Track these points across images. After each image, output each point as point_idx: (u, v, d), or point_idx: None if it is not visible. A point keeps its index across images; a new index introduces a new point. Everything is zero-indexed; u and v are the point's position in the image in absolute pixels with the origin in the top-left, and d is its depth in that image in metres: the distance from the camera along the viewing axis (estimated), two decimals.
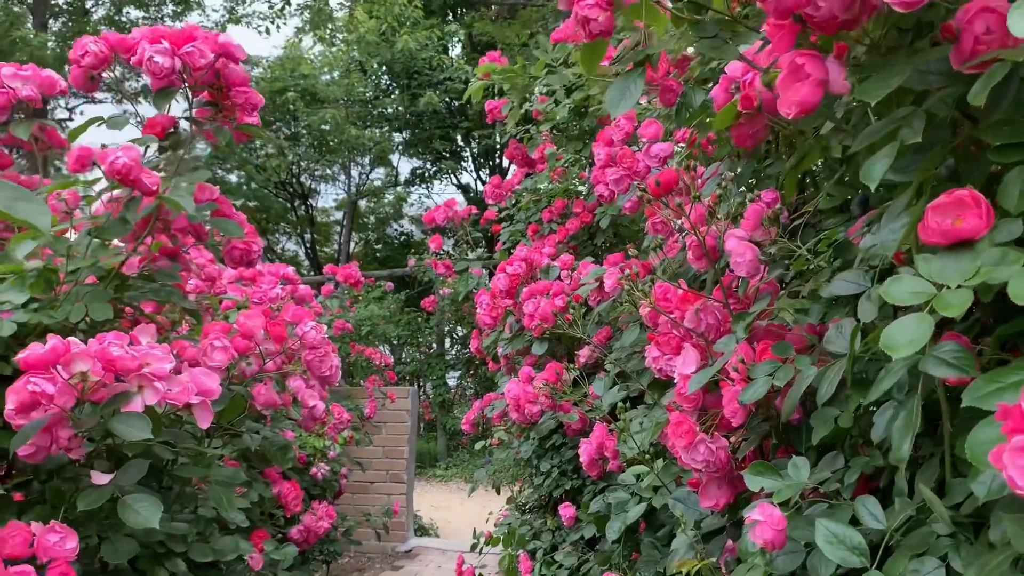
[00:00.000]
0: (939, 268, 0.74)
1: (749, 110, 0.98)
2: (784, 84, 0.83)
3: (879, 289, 0.76)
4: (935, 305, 0.72)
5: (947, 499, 0.91)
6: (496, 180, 3.94)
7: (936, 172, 0.84)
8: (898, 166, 0.82)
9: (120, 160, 1.32)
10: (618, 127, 2.05)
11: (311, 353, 1.55)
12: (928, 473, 0.98)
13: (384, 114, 12.94)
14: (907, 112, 0.79)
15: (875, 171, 0.77)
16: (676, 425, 1.41)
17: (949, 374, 0.81)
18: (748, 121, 1.01)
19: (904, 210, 0.82)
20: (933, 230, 0.75)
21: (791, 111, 0.82)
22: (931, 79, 0.82)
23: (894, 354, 0.72)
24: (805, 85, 0.81)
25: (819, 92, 0.81)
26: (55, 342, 1.13)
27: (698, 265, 1.55)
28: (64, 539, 1.14)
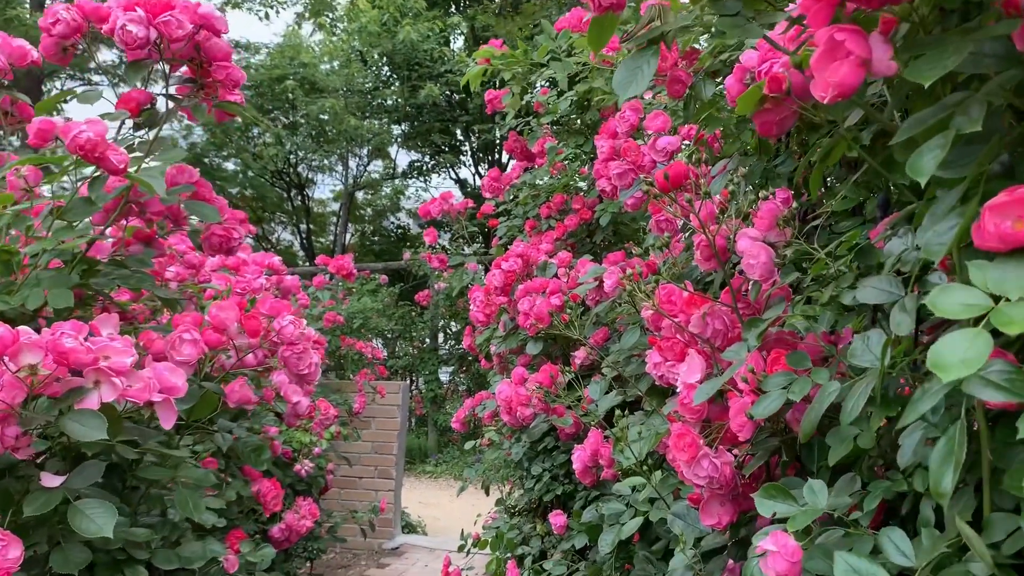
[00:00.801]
0: (997, 277, 0.64)
1: (777, 94, 0.88)
2: (820, 63, 0.73)
3: (925, 300, 0.66)
4: (992, 320, 0.62)
5: (985, 536, 0.81)
6: (495, 173, 3.83)
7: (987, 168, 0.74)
8: (947, 159, 0.72)
9: (84, 135, 1.21)
10: (623, 118, 1.95)
11: (288, 349, 1.44)
12: (962, 505, 0.88)
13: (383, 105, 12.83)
14: (962, 97, 0.69)
15: (925, 164, 0.67)
16: (678, 437, 1.31)
17: (998, 398, 0.71)
18: (775, 107, 0.91)
19: (952, 210, 0.72)
20: (990, 233, 0.65)
21: (827, 94, 0.72)
22: (987, 62, 0.72)
23: (944, 375, 0.62)
24: (844, 64, 0.71)
25: (860, 73, 0.71)
26: (2, 330, 1.03)
27: (706, 266, 1.45)
28: (6, 548, 1.04)
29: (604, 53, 1.86)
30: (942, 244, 0.71)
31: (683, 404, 1.36)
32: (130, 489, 1.49)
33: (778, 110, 0.92)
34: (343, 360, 5.85)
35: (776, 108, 0.91)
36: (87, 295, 1.58)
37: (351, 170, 13.80)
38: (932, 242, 0.72)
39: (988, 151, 0.69)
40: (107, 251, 1.59)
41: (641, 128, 1.98)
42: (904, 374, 1.02)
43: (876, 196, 1.44)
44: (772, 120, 0.93)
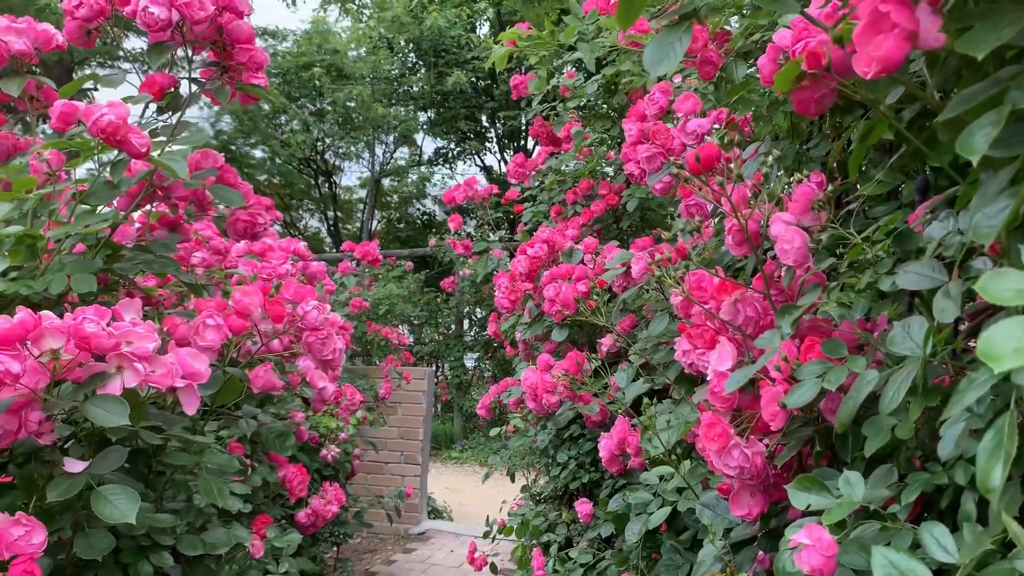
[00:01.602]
0: None
1: (816, 69, 0.84)
2: (863, 37, 0.70)
3: (975, 285, 0.62)
4: None
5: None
6: (520, 158, 3.80)
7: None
8: (1000, 137, 0.68)
9: (106, 118, 1.20)
10: (652, 101, 1.91)
11: (312, 335, 1.43)
12: (1008, 498, 0.84)
13: (410, 92, 12.82)
14: (1017, 71, 0.65)
15: (976, 142, 0.64)
16: (709, 427, 1.28)
17: None
18: (813, 84, 0.88)
19: (1002, 191, 0.68)
20: None
21: (870, 69, 0.69)
22: None
23: (995, 365, 0.59)
24: (889, 37, 0.67)
25: (906, 46, 0.67)
26: (23, 315, 1.02)
27: (738, 251, 1.41)
28: (30, 533, 1.04)
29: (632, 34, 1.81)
30: (992, 227, 0.67)
31: (713, 393, 1.33)
32: (155, 475, 1.49)
33: (817, 87, 0.88)
34: (369, 346, 5.86)
35: (815, 85, 0.88)
36: (112, 280, 1.58)
37: (377, 157, 13.82)
38: (981, 224, 0.68)
39: None
40: (132, 236, 1.59)
41: (671, 111, 1.94)
42: (945, 363, 0.98)
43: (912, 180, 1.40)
44: (811, 98, 0.89)
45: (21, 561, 1.02)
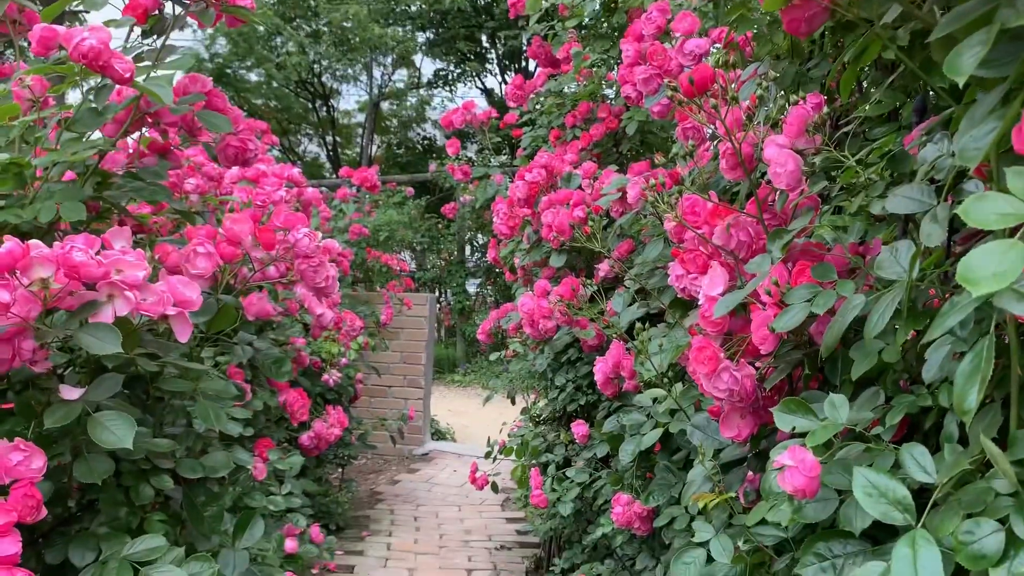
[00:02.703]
0: None
1: None
2: None
3: (957, 209, 0.62)
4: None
5: (1010, 453, 0.79)
6: (518, 80, 3.73)
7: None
8: (989, 57, 0.66)
9: (87, 42, 1.17)
10: (650, 20, 1.86)
11: (304, 262, 1.43)
12: (988, 421, 0.85)
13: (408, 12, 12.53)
14: None
15: (964, 62, 0.62)
16: (699, 351, 1.29)
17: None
18: (803, 2, 0.85)
19: (991, 113, 0.67)
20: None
21: None
22: None
23: (974, 289, 0.58)
24: None
25: None
26: (11, 244, 1.02)
27: (731, 175, 1.40)
28: (29, 458, 1.06)
29: None
30: (979, 149, 0.66)
31: (704, 317, 1.33)
32: (154, 401, 1.51)
33: (807, 6, 0.86)
34: (370, 272, 5.87)
35: (805, 4, 0.85)
36: (104, 208, 1.57)
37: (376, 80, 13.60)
38: (968, 147, 0.67)
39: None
40: (121, 163, 1.57)
41: (668, 31, 1.90)
42: (935, 286, 0.98)
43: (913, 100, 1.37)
44: (801, 16, 0.87)
45: (21, 485, 1.04)
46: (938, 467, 0.87)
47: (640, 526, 2.02)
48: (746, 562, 1.26)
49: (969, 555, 0.75)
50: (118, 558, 1.18)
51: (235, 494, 1.83)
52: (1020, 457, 0.77)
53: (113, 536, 1.23)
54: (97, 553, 1.21)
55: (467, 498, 5.19)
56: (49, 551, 1.22)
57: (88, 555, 1.20)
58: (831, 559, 0.93)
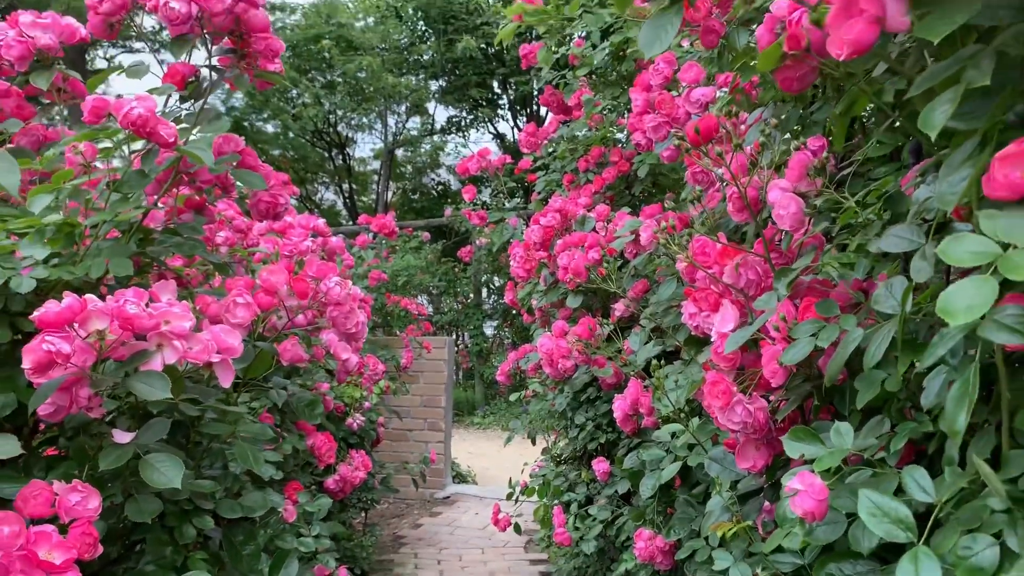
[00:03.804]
0: (1006, 225, 0.67)
1: (796, 51, 0.90)
2: (835, 21, 0.75)
3: (936, 248, 0.69)
4: (1000, 267, 0.65)
5: (1003, 472, 0.85)
6: (531, 128, 3.84)
7: (1003, 119, 0.76)
8: (961, 111, 0.74)
9: (135, 111, 1.28)
10: (657, 71, 1.96)
11: (336, 309, 1.51)
12: (982, 443, 0.91)
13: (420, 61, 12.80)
14: (974, 51, 0.71)
15: (936, 117, 0.70)
16: (713, 385, 1.35)
17: (1011, 340, 0.74)
18: (794, 63, 0.93)
19: (966, 160, 0.74)
20: (1000, 183, 0.68)
21: (842, 51, 0.75)
22: (1001, 14, 0.73)
23: (952, 321, 0.65)
24: (859, 22, 0.73)
25: (875, 30, 0.73)
26: (71, 300, 1.11)
27: (739, 217, 1.47)
28: (86, 499, 1.13)
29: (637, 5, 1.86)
30: (955, 193, 0.73)
31: (717, 352, 1.40)
32: (193, 445, 1.59)
33: (798, 66, 0.94)
34: (389, 317, 5.96)
35: (796, 65, 0.93)
36: (144, 262, 1.66)
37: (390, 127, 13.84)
38: (946, 192, 0.75)
39: (1000, 103, 0.71)
40: (160, 220, 1.67)
41: (675, 80, 1.99)
42: (931, 319, 1.04)
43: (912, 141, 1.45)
44: (793, 76, 0.95)
45: (79, 524, 1.11)
46: (939, 488, 0.93)
47: (662, 560, 2.06)
48: None
49: (967, 568, 0.80)
50: None
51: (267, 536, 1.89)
52: (1012, 476, 0.83)
53: (160, 574, 1.30)
54: None
55: (490, 540, 5.20)
56: None
57: None
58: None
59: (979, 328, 0.77)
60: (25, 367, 1.10)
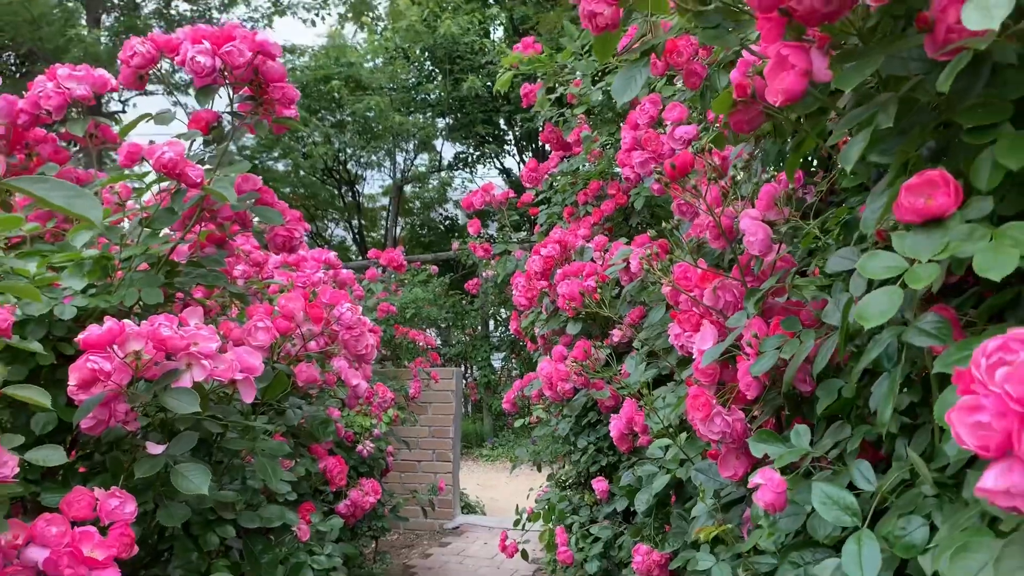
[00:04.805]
0: (911, 244, 0.79)
1: (743, 98, 1.03)
2: (771, 73, 0.89)
3: (856, 264, 0.81)
4: (906, 279, 0.78)
5: (935, 463, 0.96)
6: (532, 164, 4.00)
7: (919, 153, 0.89)
8: (883, 148, 0.87)
9: (166, 155, 1.42)
10: (643, 111, 2.10)
11: (347, 332, 1.64)
12: (920, 439, 1.03)
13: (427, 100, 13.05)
14: (885, 98, 0.84)
15: (851, 154, 0.83)
16: (694, 398, 1.47)
17: (929, 343, 0.86)
18: (744, 108, 1.07)
19: (885, 190, 0.87)
20: (906, 208, 0.80)
21: (777, 99, 0.88)
22: (912, 65, 0.86)
23: (866, 324, 0.78)
24: (790, 75, 0.87)
25: (803, 81, 0.86)
26: (111, 324, 1.24)
27: (716, 244, 1.60)
28: (123, 504, 1.25)
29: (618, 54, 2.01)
30: (874, 218, 0.86)
31: (697, 368, 1.52)
32: (215, 463, 1.71)
33: (747, 111, 1.07)
34: (398, 349, 6.08)
35: (745, 109, 1.07)
36: (169, 293, 1.80)
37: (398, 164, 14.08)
38: (868, 217, 0.87)
39: (909, 141, 0.84)
40: (185, 254, 1.81)
41: (661, 119, 2.13)
42: None
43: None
44: (743, 119, 1.09)
45: (118, 526, 1.23)
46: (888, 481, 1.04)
47: (659, 573, 2.15)
48: None
49: (902, 546, 0.92)
50: None
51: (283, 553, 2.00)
52: (940, 465, 0.95)
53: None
54: None
55: (498, 569, 5.26)
56: None
57: None
58: (803, 565, 1.09)
59: (904, 334, 0.90)
60: (71, 384, 1.23)
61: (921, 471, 0.93)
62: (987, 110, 0.81)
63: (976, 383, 0.62)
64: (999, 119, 0.79)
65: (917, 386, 1.08)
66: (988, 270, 0.73)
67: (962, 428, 0.63)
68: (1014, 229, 0.73)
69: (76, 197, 0.65)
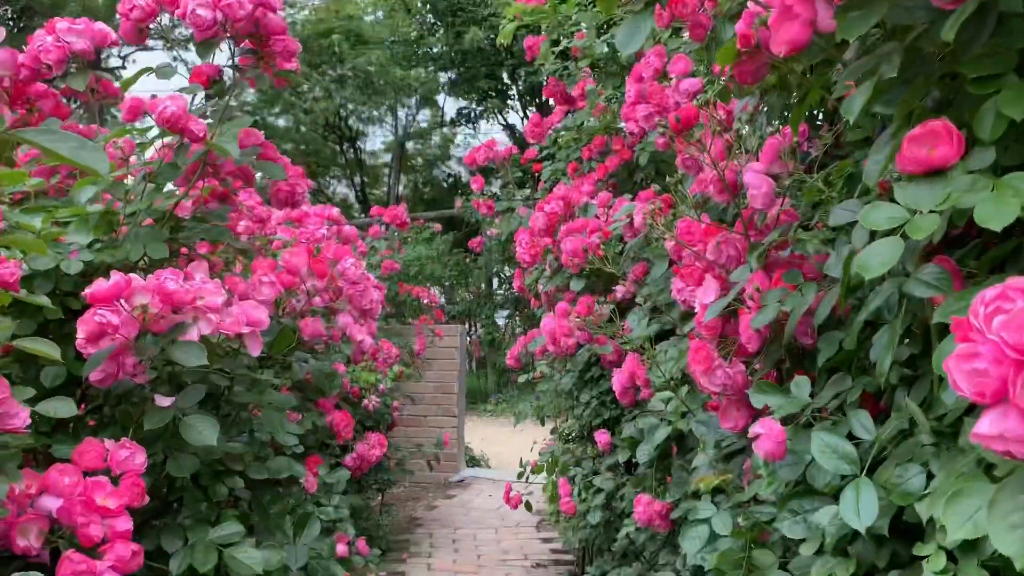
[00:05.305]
0: (913, 195, 0.80)
1: (748, 48, 1.03)
2: (776, 23, 0.88)
3: (858, 215, 0.82)
4: (907, 229, 0.78)
5: (932, 412, 0.97)
6: (536, 119, 3.97)
7: (923, 104, 0.89)
8: (887, 99, 0.87)
9: (168, 109, 1.42)
10: (648, 63, 2.08)
11: (352, 288, 1.65)
12: (920, 390, 1.04)
13: (429, 53, 12.91)
14: (889, 48, 0.83)
15: (855, 105, 0.82)
16: (695, 352, 1.48)
17: (930, 294, 0.87)
18: (748, 59, 1.06)
19: (888, 141, 0.87)
20: (909, 159, 0.80)
21: (781, 49, 0.87)
22: (918, 14, 0.86)
23: (867, 275, 0.78)
24: (794, 24, 0.86)
25: (808, 31, 0.86)
26: (117, 278, 1.25)
27: (719, 198, 1.60)
28: (133, 455, 1.28)
29: None
30: (877, 169, 0.86)
31: (699, 322, 1.53)
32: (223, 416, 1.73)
33: (752, 61, 1.06)
34: (402, 306, 6.10)
35: (750, 60, 1.06)
36: (173, 248, 1.81)
37: (400, 120, 13.99)
38: (871, 168, 0.88)
39: (913, 91, 0.84)
40: (188, 209, 1.81)
41: (666, 72, 2.11)
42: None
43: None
44: (748, 70, 1.08)
45: (128, 476, 1.26)
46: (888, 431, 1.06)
47: (660, 523, 2.19)
48: (746, 537, 1.43)
49: (899, 494, 0.93)
50: (204, 542, 1.39)
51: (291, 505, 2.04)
52: (938, 415, 0.96)
53: (197, 526, 1.44)
54: (184, 540, 1.42)
55: (503, 520, 5.35)
56: (144, 539, 1.43)
57: (177, 542, 1.42)
58: (802, 513, 1.11)
59: (904, 284, 0.90)
60: (79, 337, 1.24)
61: (919, 420, 0.94)
62: (992, 60, 0.80)
63: (974, 331, 0.63)
64: (1004, 69, 0.78)
65: (918, 338, 1.09)
66: (989, 220, 0.73)
67: (959, 375, 0.64)
68: (1016, 179, 0.73)
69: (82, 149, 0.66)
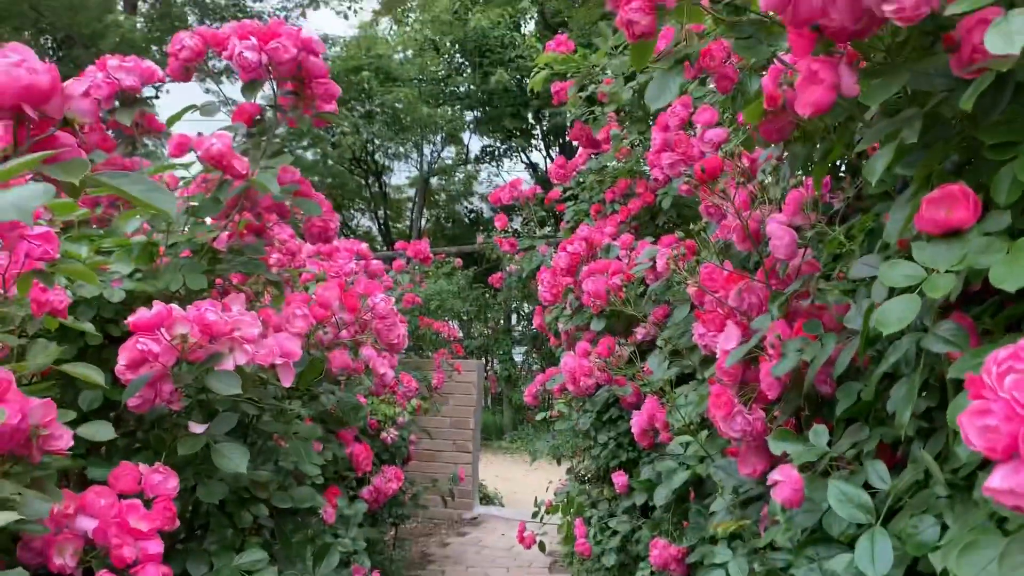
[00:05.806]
0: (931, 254, 0.83)
1: (774, 108, 1.07)
2: (801, 86, 0.93)
3: (878, 272, 0.85)
4: (924, 288, 0.82)
5: (948, 464, 1.00)
6: (560, 160, 4.04)
7: (941, 167, 0.93)
8: (907, 161, 0.91)
9: (216, 147, 1.48)
10: (674, 113, 2.13)
11: (381, 322, 1.69)
12: (935, 442, 1.06)
13: (456, 92, 13.12)
14: (911, 114, 0.87)
15: (877, 166, 0.86)
16: (716, 397, 1.51)
17: (947, 349, 0.90)
18: (774, 118, 1.10)
19: (908, 201, 0.91)
20: (927, 220, 0.84)
21: (806, 111, 0.92)
22: (937, 82, 0.90)
23: (885, 330, 0.81)
24: (819, 88, 0.90)
25: (832, 95, 0.90)
26: (160, 307, 1.30)
27: (742, 247, 1.64)
28: (166, 479, 1.32)
29: None
30: (897, 228, 0.90)
31: (720, 368, 1.55)
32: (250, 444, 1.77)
33: (777, 120, 1.11)
34: (421, 340, 6.15)
35: (775, 119, 1.11)
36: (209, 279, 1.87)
37: (425, 156, 14.17)
38: (891, 228, 0.91)
39: (932, 155, 0.88)
40: (225, 242, 1.87)
41: (691, 122, 2.16)
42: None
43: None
44: (773, 128, 1.12)
45: (161, 500, 1.30)
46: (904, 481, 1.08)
47: (676, 568, 2.19)
48: None
49: (914, 544, 0.96)
50: (229, 568, 1.42)
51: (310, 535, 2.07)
52: (953, 467, 0.98)
53: (222, 552, 1.48)
54: (209, 565, 1.46)
55: (515, 560, 5.32)
56: (171, 563, 1.47)
57: (203, 567, 1.45)
58: (818, 560, 1.13)
59: (922, 340, 0.93)
60: (120, 363, 1.29)
61: (934, 472, 0.96)
62: (1009, 128, 0.84)
63: (986, 389, 0.66)
64: (1020, 137, 0.82)
65: (935, 391, 1.11)
66: (1003, 281, 0.76)
67: (972, 430, 0.67)
68: None
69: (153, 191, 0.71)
